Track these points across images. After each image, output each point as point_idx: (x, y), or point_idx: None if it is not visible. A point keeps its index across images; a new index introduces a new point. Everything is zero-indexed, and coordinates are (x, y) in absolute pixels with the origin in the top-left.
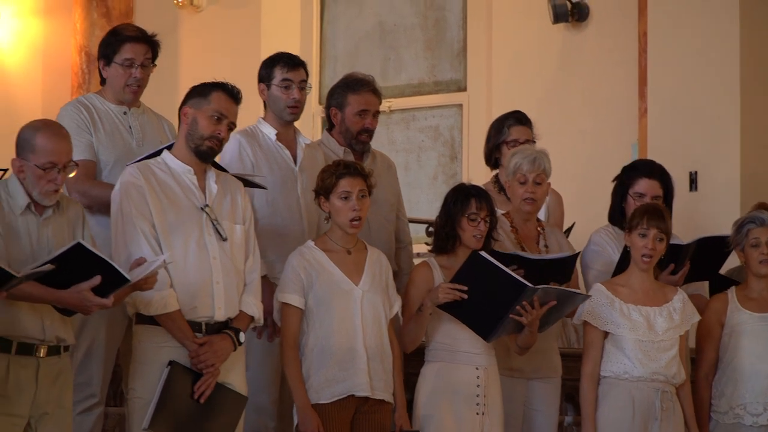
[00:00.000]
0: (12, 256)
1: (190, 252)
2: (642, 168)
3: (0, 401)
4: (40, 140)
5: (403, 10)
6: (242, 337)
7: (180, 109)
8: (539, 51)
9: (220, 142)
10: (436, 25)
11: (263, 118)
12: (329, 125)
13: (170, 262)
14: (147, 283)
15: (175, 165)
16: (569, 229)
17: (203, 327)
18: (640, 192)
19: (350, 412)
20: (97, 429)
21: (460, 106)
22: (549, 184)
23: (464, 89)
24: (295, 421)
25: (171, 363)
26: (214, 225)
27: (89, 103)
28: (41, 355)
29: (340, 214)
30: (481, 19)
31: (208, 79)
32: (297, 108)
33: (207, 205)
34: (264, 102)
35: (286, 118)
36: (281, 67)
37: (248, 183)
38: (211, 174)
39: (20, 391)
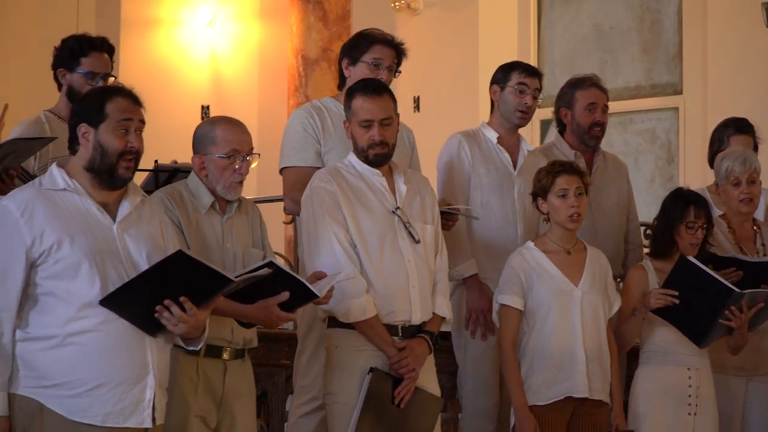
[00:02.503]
0: (201, 257)
1: (385, 256)
2: None
3: (190, 403)
4: (219, 131)
5: (619, 14)
6: (436, 340)
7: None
8: (755, 54)
9: (381, 144)
10: (651, 28)
11: (487, 123)
12: (560, 127)
13: (350, 278)
14: (325, 297)
15: (363, 168)
16: None
17: (399, 330)
18: None
19: (567, 414)
20: None
21: (677, 109)
22: (761, 182)
23: (680, 92)
24: (512, 423)
25: (372, 370)
26: (406, 227)
27: (323, 106)
28: (227, 358)
29: (558, 212)
30: (697, 22)
31: (424, 82)
32: (527, 114)
33: (398, 208)
34: (492, 105)
35: (514, 121)
36: (519, 72)
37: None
38: (400, 175)
39: (209, 393)
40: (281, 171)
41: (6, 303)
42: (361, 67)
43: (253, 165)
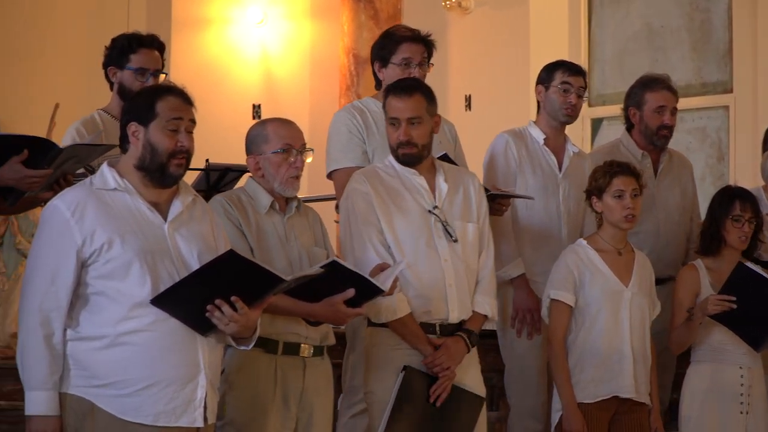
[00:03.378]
0: (266, 259)
1: (420, 256)
2: None
3: (268, 402)
4: (271, 128)
5: (669, 12)
6: (475, 338)
7: None
8: None
9: (408, 144)
10: (701, 26)
11: (534, 122)
12: (628, 125)
13: (401, 266)
14: (390, 291)
15: (401, 168)
16: None
17: (437, 329)
18: None
19: (611, 413)
20: None
21: (727, 107)
22: None
23: (730, 91)
24: (554, 420)
25: (405, 368)
26: (443, 227)
27: (364, 106)
28: (306, 355)
29: (613, 212)
30: (747, 21)
31: (475, 81)
32: (573, 112)
33: (436, 207)
34: (538, 105)
35: (560, 118)
36: (563, 71)
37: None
38: (441, 174)
39: (289, 392)
40: (330, 175)
41: (56, 303)
42: (392, 68)
43: (308, 160)
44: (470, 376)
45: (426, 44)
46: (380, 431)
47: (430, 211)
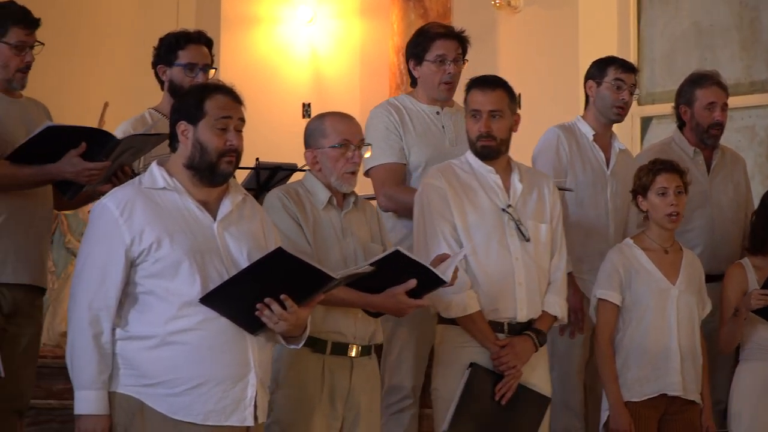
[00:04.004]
0: (321, 254)
1: (491, 253)
2: None
3: (315, 402)
4: (329, 123)
5: (718, 11)
6: (543, 338)
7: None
8: None
9: (489, 137)
10: (750, 25)
11: (583, 117)
12: (680, 123)
13: (461, 255)
14: (452, 282)
15: (478, 165)
16: None
17: (505, 327)
18: None
19: (660, 411)
20: (412, 430)
21: None
22: None
23: None
24: (602, 419)
25: (471, 365)
26: (516, 225)
27: (400, 104)
28: (354, 355)
29: (657, 211)
30: None
31: (524, 80)
32: (624, 110)
33: (510, 205)
34: (586, 100)
35: (611, 117)
36: (616, 67)
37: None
38: (516, 172)
39: (336, 391)
40: (367, 172)
41: (105, 302)
42: (427, 66)
43: (366, 155)
44: (537, 376)
45: (460, 40)
46: (445, 427)
47: (503, 210)
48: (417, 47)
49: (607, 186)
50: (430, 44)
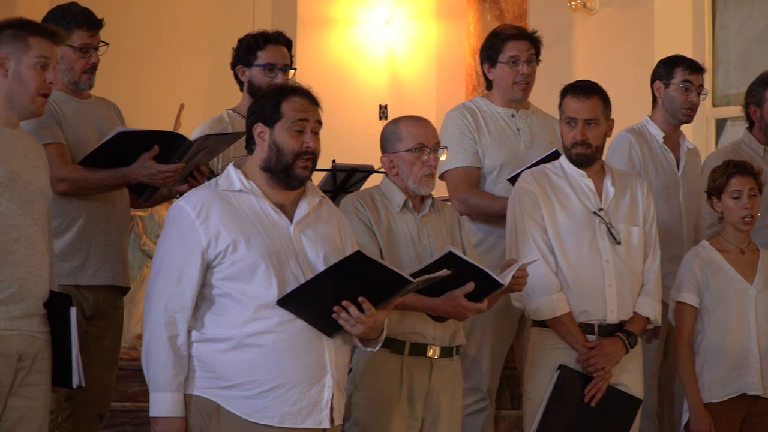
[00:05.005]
0: (395, 257)
1: (582, 256)
2: None
3: (393, 403)
4: (404, 127)
5: None
6: (635, 339)
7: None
8: None
9: (585, 144)
10: None
11: (651, 118)
12: (749, 124)
13: (535, 260)
14: (518, 284)
15: (571, 170)
16: None
17: (595, 329)
18: None
19: (742, 412)
20: (488, 431)
21: None
22: None
23: None
24: (683, 421)
25: (560, 367)
26: (607, 228)
27: (475, 106)
28: (433, 356)
29: (732, 213)
30: None
31: (600, 81)
32: (693, 111)
33: (601, 209)
34: (654, 101)
35: (680, 118)
36: (684, 68)
37: None
38: (609, 176)
39: (415, 392)
40: (442, 175)
41: (181, 304)
42: (501, 68)
43: (442, 158)
44: (628, 377)
45: (532, 41)
46: (534, 428)
47: (595, 213)
48: (490, 49)
49: (679, 188)
50: (503, 46)
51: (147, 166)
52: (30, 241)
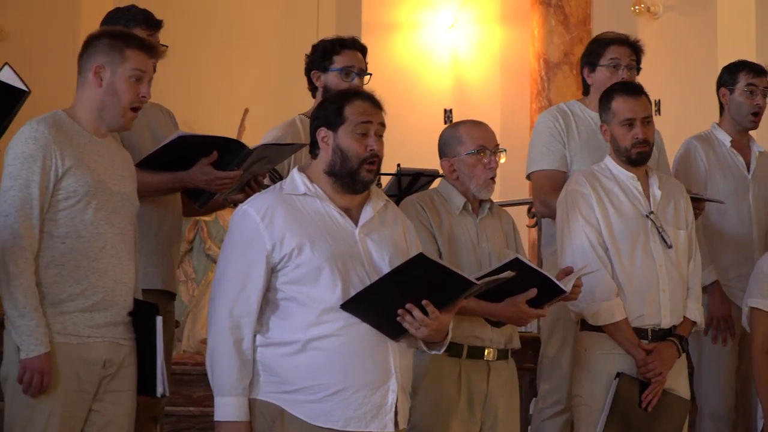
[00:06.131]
0: (456, 260)
1: (636, 260)
2: None
3: (452, 406)
4: (464, 130)
5: None
6: (686, 344)
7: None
8: None
9: (645, 143)
10: None
11: (718, 124)
12: None
13: (594, 271)
14: (574, 293)
15: (618, 172)
16: None
17: (649, 334)
18: None
19: None
20: None
21: None
22: None
23: None
24: (759, 428)
25: (619, 374)
26: (659, 232)
27: (568, 109)
28: (490, 359)
29: None
30: None
31: (664, 86)
32: (759, 115)
33: (652, 212)
34: (721, 107)
35: (746, 125)
36: (746, 72)
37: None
38: (655, 180)
39: (473, 395)
40: (528, 176)
41: (246, 308)
42: (601, 71)
43: (502, 161)
44: (678, 381)
45: (634, 48)
46: None
47: (646, 216)
48: (591, 54)
49: (749, 191)
50: (604, 50)
51: (205, 172)
52: (116, 249)
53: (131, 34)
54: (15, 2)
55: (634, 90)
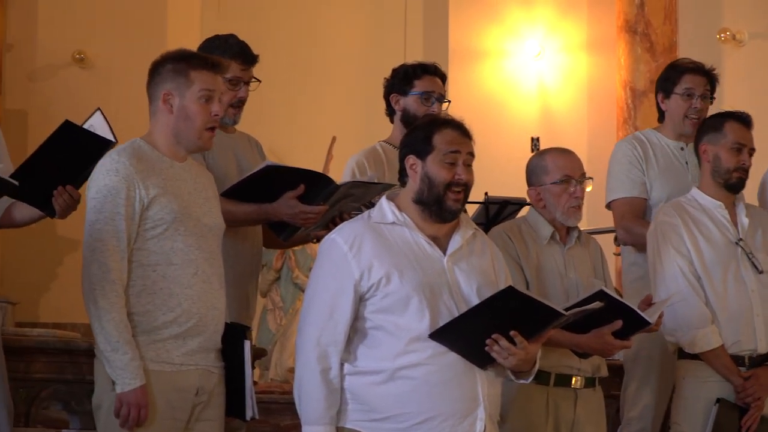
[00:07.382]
0: (543, 289)
1: (729, 287)
2: None
3: None
4: (550, 159)
5: None
6: None
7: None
8: None
9: (746, 171)
10: None
11: None
12: None
13: (675, 299)
14: (656, 324)
15: (706, 201)
16: None
17: (746, 360)
18: None
19: None
20: None
21: None
22: None
23: None
24: None
25: (719, 400)
26: (749, 258)
27: (645, 137)
28: (578, 387)
29: None
30: None
31: (751, 114)
32: None
33: (741, 239)
34: None
35: None
36: None
37: None
38: (742, 208)
39: (561, 423)
40: (608, 205)
41: (334, 337)
42: (675, 99)
43: (588, 189)
44: None
45: (709, 77)
46: None
47: (736, 243)
48: (666, 81)
49: None
50: (680, 78)
51: (291, 205)
52: (207, 275)
53: (194, 54)
54: (100, 31)
55: (749, 121)
